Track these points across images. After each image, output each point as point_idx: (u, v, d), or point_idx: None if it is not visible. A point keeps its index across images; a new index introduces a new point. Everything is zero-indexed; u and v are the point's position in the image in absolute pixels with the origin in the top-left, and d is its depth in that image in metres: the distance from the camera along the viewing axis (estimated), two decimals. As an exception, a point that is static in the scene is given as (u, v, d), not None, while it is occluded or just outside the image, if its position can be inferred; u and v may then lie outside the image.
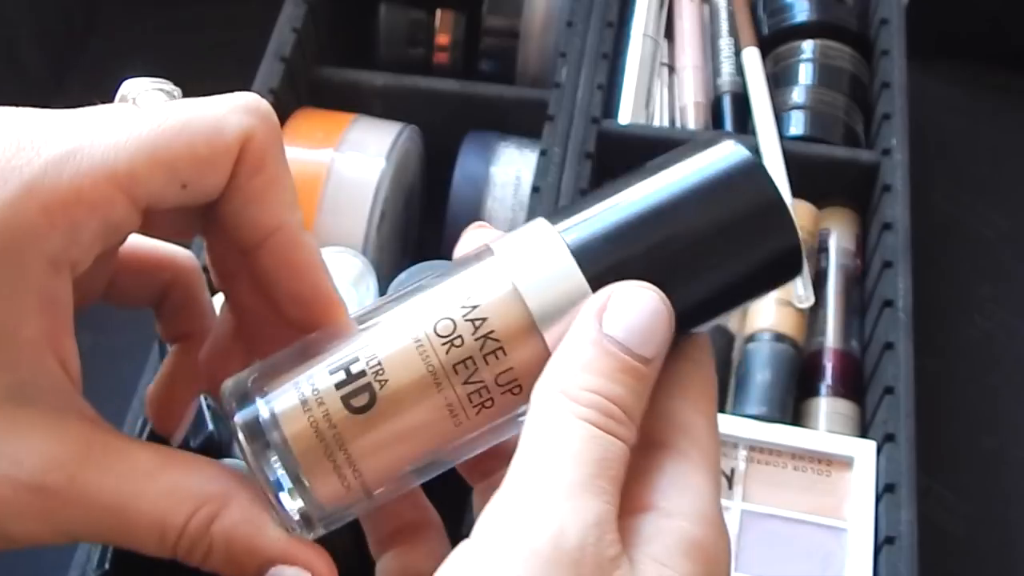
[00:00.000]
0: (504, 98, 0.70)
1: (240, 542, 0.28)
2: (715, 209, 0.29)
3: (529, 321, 0.28)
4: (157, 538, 0.27)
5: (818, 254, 0.65)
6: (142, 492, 0.27)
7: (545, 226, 0.29)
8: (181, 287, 0.33)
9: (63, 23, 0.83)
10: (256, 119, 0.29)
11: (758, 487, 0.56)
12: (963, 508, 0.66)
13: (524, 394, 0.28)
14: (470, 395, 0.28)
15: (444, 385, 0.28)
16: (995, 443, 0.69)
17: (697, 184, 0.29)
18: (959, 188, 0.79)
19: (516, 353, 0.28)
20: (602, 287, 0.28)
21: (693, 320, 0.29)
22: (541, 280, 0.28)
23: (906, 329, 0.58)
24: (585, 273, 0.28)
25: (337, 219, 0.63)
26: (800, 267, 0.30)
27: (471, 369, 0.28)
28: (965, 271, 0.75)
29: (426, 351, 0.28)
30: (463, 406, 0.28)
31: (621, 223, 0.28)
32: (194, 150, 0.28)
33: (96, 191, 0.27)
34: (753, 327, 0.61)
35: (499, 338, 0.28)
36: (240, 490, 0.28)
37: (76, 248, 0.27)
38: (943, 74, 0.82)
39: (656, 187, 0.29)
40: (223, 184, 0.29)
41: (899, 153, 0.65)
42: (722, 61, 0.73)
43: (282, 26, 0.68)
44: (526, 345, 0.28)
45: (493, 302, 0.28)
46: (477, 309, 0.28)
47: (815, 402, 0.60)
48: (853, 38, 0.72)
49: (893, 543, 0.52)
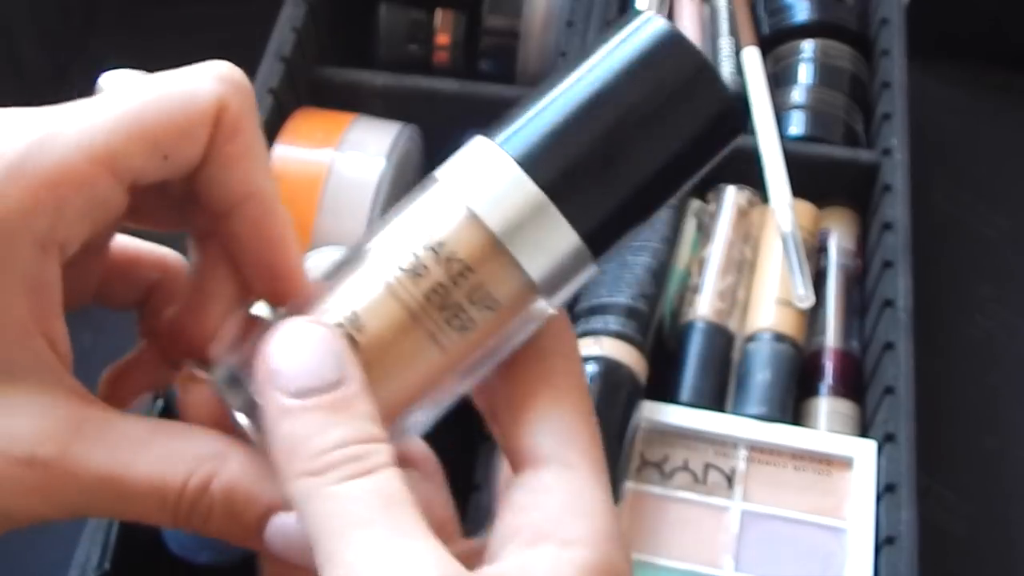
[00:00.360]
0: (504, 98, 0.70)
1: (240, 495, 0.28)
2: (645, 88, 0.29)
3: (489, 235, 0.28)
4: (157, 504, 0.27)
5: (818, 254, 0.65)
6: (136, 459, 0.27)
7: (484, 142, 0.29)
8: (167, 287, 0.33)
9: (63, 23, 0.83)
10: (230, 86, 0.29)
11: (758, 487, 0.56)
12: (963, 508, 0.66)
13: (504, 308, 0.28)
14: (448, 320, 0.28)
15: (421, 316, 0.28)
16: (995, 443, 0.69)
17: (622, 68, 0.29)
18: (959, 188, 0.79)
19: (483, 269, 0.28)
20: (555, 187, 0.28)
21: (654, 197, 0.29)
22: (492, 194, 0.28)
23: (906, 329, 0.58)
24: (534, 179, 0.28)
25: (337, 219, 0.63)
26: (740, 122, 0.30)
27: (442, 294, 0.28)
28: (965, 271, 0.75)
29: (396, 290, 0.28)
30: (444, 332, 0.28)
31: (557, 123, 0.29)
32: (171, 120, 0.28)
33: (79, 170, 0.27)
34: (753, 327, 0.61)
35: (463, 258, 0.28)
36: (235, 448, 0.28)
37: (63, 228, 0.27)
38: (943, 74, 0.82)
39: (583, 79, 0.29)
40: (202, 152, 0.29)
41: (899, 153, 0.65)
42: (722, 61, 0.73)
43: (282, 26, 0.68)
44: (491, 259, 0.28)
45: (450, 226, 0.28)
46: (436, 237, 0.28)
47: (815, 402, 0.60)
48: (853, 38, 0.72)
49: (893, 543, 0.52)
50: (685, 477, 0.57)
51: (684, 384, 0.59)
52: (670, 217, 0.64)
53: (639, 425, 0.57)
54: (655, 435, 0.58)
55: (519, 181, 0.28)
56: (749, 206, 0.65)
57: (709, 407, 0.58)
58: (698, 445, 0.58)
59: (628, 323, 0.59)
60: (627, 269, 0.62)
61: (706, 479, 0.57)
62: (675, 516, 0.55)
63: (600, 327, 0.59)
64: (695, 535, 0.55)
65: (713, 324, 0.61)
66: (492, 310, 0.28)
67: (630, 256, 0.63)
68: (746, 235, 0.64)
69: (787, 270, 0.62)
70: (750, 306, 0.62)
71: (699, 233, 0.66)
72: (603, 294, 0.61)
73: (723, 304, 0.61)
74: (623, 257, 0.63)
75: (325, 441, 0.26)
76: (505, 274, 0.28)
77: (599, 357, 0.57)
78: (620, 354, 0.57)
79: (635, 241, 0.64)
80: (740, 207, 0.65)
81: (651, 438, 0.58)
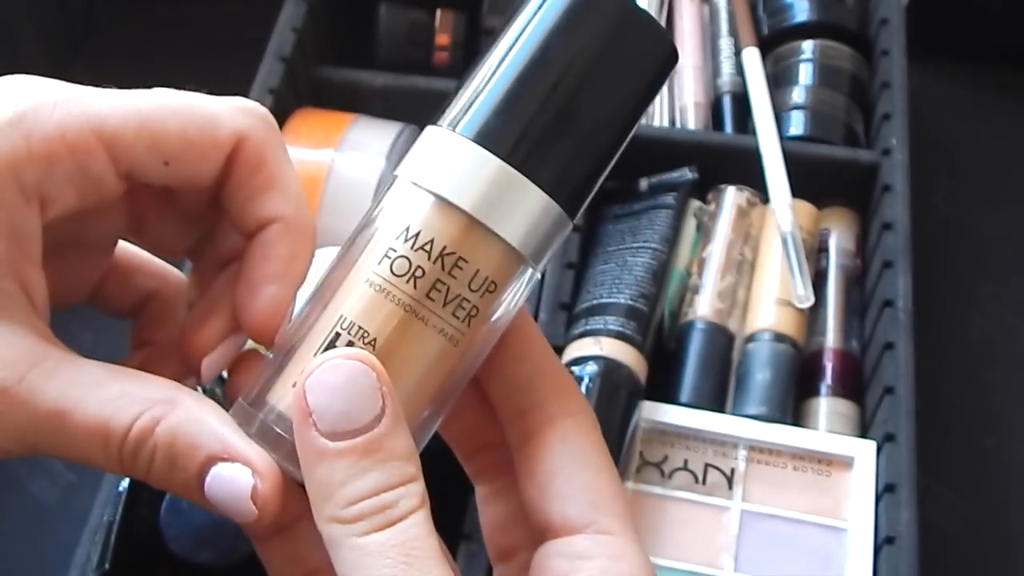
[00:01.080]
0: (504, 98, 0.70)
1: (183, 440, 0.28)
2: (578, 39, 0.29)
3: (470, 220, 0.28)
4: (101, 444, 0.27)
5: (818, 254, 0.65)
6: (87, 397, 0.28)
7: (436, 130, 0.29)
8: (163, 299, 0.34)
9: (63, 22, 0.83)
10: (253, 119, 0.30)
11: (758, 487, 0.56)
12: (963, 508, 0.66)
13: (502, 285, 0.29)
14: (455, 312, 0.28)
15: (427, 316, 0.28)
16: (995, 443, 0.69)
17: (551, 26, 0.29)
18: (959, 188, 0.79)
19: (475, 255, 0.28)
20: (516, 155, 0.28)
21: (611, 141, 0.30)
22: (456, 176, 0.28)
23: (906, 329, 0.58)
24: (493, 152, 0.28)
25: (337, 219, 0.63)
26: (675, 51, 0.30)
27: (443, 289, 0.28)
28: (965, 271, 0.75)
29: (395, 295, 0.28)
30: (454, 325, 0.28)
31: (503, 93, 0.29)
32: (184, 132, 0.29)
33: (79, 136, 0.28)
34: (753, 327, 0.61)
35: (454, 250, 0.28)
36: (187, 395, 0.28)
37: (50, 185, 0.28)
38: (943, 74, 0.82)
39: (518, 47, 0.29)
40: (210, 176, 0.30)
41: (899, 153, 0.65)
42: (722, 61, 0.73)
43: (282, 26, 0.68)
44: (480, 243, 0.28)
45: (429, 220, 0.28)
46: (419, 234, 0.28)
47: (815, 402, 0.60)
48: (853, 38, 0.72)
49: (893, 543, 0.52)
50: (685, 477, 0.57)
51: (684, 384, 0.59)
52: (670, 217, 0.64)
53: (639, 425, 0.57)
54: (655, 435, 0.58)
55: (480, 157, 0.28)
56: (749, 206, 0.65)
57: (709, 407, 0.58)
58: (698, 445, 0.58)
59: (628, 323, 0.59)
60: (627, 269, 0.62)
61: (706, 479, 0.57)
62: (675, 516, 0.55)
63: (600, 327, 0.59)
64: (695, 535, 0.55)
65: (713, 324, 0.61)
66: (491, 292, 0.29)
67: (630, 256, 0.63)
68: (746, 235, 0.64)
69: (787, 270, 0.62)
70: (750, 306, 0.62)
71: (699, 233, 0.66)
72: (603, 294, 0.61)
73: (723, 304, 0.61)
74: (623, 257, 0.63)
75: (356, 490, 0.26)
76: (492, 251, 0.29)
77: (599, 357, 0.57)
78: (620, 354, 0.57)
79: (635, 242, 0.64)
80: (740, 207, 0.65)
81: (651, 438, 0.58)
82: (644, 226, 0.64)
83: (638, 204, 0.66)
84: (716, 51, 0.74)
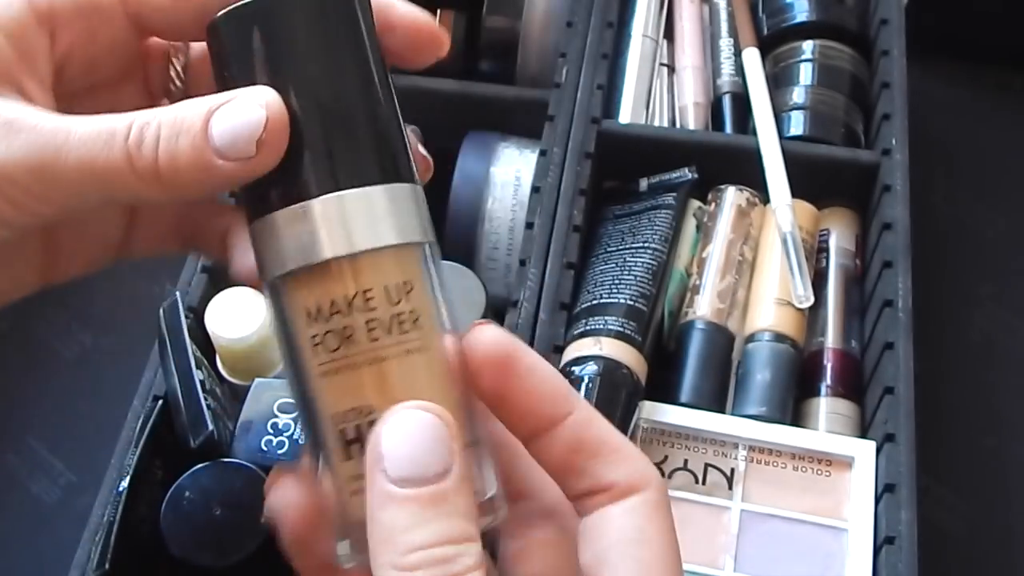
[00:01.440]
0: (504, 98, 0.70)
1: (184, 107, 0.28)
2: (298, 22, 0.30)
3: (335, 264, 0.28)
4: (106, 141, 0.28)
5: (818, 254, 0.65)
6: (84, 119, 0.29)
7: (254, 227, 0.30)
8: None
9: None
10: None
11: (758, 487, 0.56)
12: (963, 508, 0.66)
13: (413, 277, 0.29)
14: (402, 329, 0.29)
15: (387, 353, 0.28)
16: (995, 443, 0.69)
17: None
18: (959, 188, 0.79)
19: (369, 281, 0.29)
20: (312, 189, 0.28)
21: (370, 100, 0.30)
22: (299, 242, 0.29)
23: (906, 329, 0.58)
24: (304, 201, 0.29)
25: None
26: None
27: (377, 324, 0.28)
28: (965, 271, 0.76)
29: (350, 361, 0.28)
30: (413, 339, 0.29)
31: None
32: None
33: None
34: (753, 327, 0.61)
35: (352, 292, 0.28)
36: None
37: (59, 7, 0.30)
38: (943, 74, 0.82)
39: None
40: None
41: (899, 153, 0.65)
42: (722, 61, 0.73)
43: (282, 26, 0.68)
44: (362, 270, 0.29)
45: (312, 291, 0.29)
46: (318, 308, 0.29)
47: (815, 402, 0.60)
48: (853, 38, 0.72)
49: (893, 543, 0.52)
50: (685, 477, 0.57)
51: (684, 384, 0.59)
52: (670, 217, 0.64)
53: (639, 425, 0.57)
54: (655, 435, 0.58)
55: (292, 214, 0.29)
56: (749, 206, 0.65)
57: (709, 407, 0.58)
58: (698, 445, 0.58)
59: (628, 323, 0.59)
60: (627, 269, 0.62)
61: (706, 479, 0.57)
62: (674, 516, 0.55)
63: (600, 327, 0.59)
64: (694, 535, 0.55)
65: (713, 324, 0.61)
66: (412, 290, 0.29)
67: (630, 256, 0.63)
68: (746, 235, 0.64)
69: (787, 270, 0.62)
70: (750, 306, 0.62)
71: (699, 233, 0.66)
72: (603, 294, 0.61)
73: (723, 304, 0.61)
74: (623, 257, 0.63)
75: (417, 538, 0.26)
76: (377, 266, 0.29)
77: (599, 357, 0.57)
78: (620, 354, 0.58)
79: (635, 242, 0.64)
80: (740, 207, 0.65)
81: (651, 438, 0.58)
82: (644, 226, 0.64)
83: (638, 204, 0.66)
84: (716, 51, 0.74)
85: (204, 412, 0.48)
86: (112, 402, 0.59)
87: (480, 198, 0.66)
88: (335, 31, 0.30)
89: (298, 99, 0.29)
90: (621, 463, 0.30)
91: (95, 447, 0.60)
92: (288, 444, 0.48)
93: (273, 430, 0.49)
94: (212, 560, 0.43)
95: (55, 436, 0.68)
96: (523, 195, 0.66)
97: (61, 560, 0.51)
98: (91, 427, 0.67)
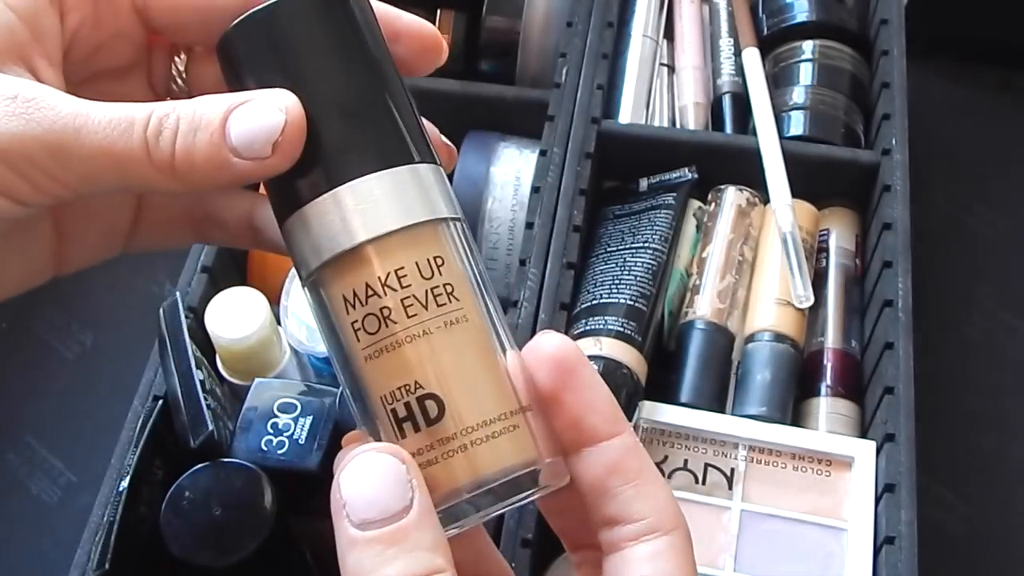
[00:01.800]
0: (504, 98, 0.70)
1: (203, 103, 0.29)
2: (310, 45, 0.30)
3: (369, 246, 0.29)
4: (125, 129, 0.28)
5: (818, 254, 0.65)
6: (101, 105, 0.29)
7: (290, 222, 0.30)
8: None
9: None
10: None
11: (758, 487, 0.56)
12: (963, 508, 0.66)
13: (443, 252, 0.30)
14: (439, 302, 0.29)
15: (427, 327, 0.29)
16: (995, 443, 0.69)
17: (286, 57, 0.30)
18: (959, 188, 0.79)
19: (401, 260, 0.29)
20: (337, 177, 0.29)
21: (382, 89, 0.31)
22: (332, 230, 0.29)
23: (906, 329, 0.58)
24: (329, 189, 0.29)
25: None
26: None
27: (415, 300, 0.29)
28: (965, 271, 0.76)
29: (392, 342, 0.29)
30: (451, 309, 0.29)
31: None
32: None
33: None
34: (753, 327, 0.61)
35: (386, 272, 0.29)
36: None
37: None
38: (943, 74, 0.82)
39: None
40: None
41: (899, 153, 0.65)
42: (722, 61, 0.73)
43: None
44: (393, 250, 0.29)
45: (350, 278, 0.29)
46: (354, 292, 0.29)
47: (815, 402, 0.60)
48: (853, 38, 0.72)
49: (893, 543, 0.52)
50: (685, 477, 0.57)
51: (684, 384, 0.59)
52: (670, 217, 0.64)
53: (639, 425, 0.57)
54: (655, 435, 0.58)
55: (324, 203, 0.29)
56: (749, 206, 0.65)
57: (709, 407, 0.58)
58: (698, 445, 0.58)
59: (628, 323, 0.59)
60: (627, 269, 0.62)
61: (705, 479, 0.57)
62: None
63: (600, 327, 0.59)
64: (694, 535, 0.54)
65: (713, 324, 0.61)
66: (442, 264, 0.29)
67: (630, 256, 0.63)
68: (746, 235, 0.64)
69: (787, 270, 0.62)
70: (750, 306, 0.62)
71: (699, 233, 0.66)
72: (603, 294, 0.61)
73: (723, 304, 0.62)
74: (623, 257, 0.63)
75: (397, 572, 0.27)
76: (407, 246, 0.29)
77: (599, 357, 0.57)
78: (620, 354, 0.58)
79: (635, 242, 0.64)
80: (740, 207, 0.65)
81: (651, 438, 0.58)
82: (644, 226, 0.64)
83: (638, 204, 0.66)
84: (716, 51, 0.74)
85: (204, 412, 0.48)
86: (112, 402, 0.59)
87: (480, 198, 0.66)
88: (341, 27, 0.31)
89: (313, 95, 0.29)
90: (651, 498, 0.30)
91: (95, 447, 0.60)
92: (288, 444, 0.48)
93: (273, 430, 0.49)
94: (212, 560, 0.43)
95: (55, 436, 0.68)
96: (523, 195, 0.66)
97: (61, 560, 0.51)
98: (91, 427, 0.67)
